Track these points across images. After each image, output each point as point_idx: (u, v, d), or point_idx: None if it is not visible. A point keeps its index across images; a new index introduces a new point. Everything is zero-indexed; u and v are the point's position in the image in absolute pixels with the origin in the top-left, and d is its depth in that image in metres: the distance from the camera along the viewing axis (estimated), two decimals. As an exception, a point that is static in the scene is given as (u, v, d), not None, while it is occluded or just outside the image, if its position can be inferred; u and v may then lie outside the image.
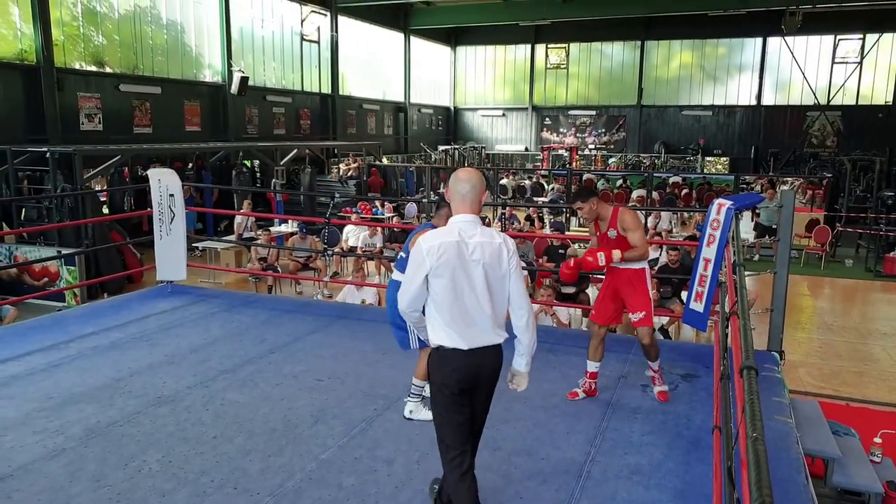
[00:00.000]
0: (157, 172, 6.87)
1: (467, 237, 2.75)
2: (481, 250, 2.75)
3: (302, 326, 5.79)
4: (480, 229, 2.79)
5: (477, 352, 2.74)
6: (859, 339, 8.63)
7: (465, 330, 2.73)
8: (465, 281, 2.73)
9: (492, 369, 2.80)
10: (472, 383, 2.77)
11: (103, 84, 14.81)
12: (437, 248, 2.73)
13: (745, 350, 2.07)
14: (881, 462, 4.42)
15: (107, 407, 4.03)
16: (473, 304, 2.74)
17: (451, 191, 2.85)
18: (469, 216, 2.81)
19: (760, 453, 1.42)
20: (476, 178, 2.84)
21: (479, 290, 2.74)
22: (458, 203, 2.83)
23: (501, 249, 2.78)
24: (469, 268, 2.73)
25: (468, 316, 2.74)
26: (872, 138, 25.48)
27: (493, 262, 2.76)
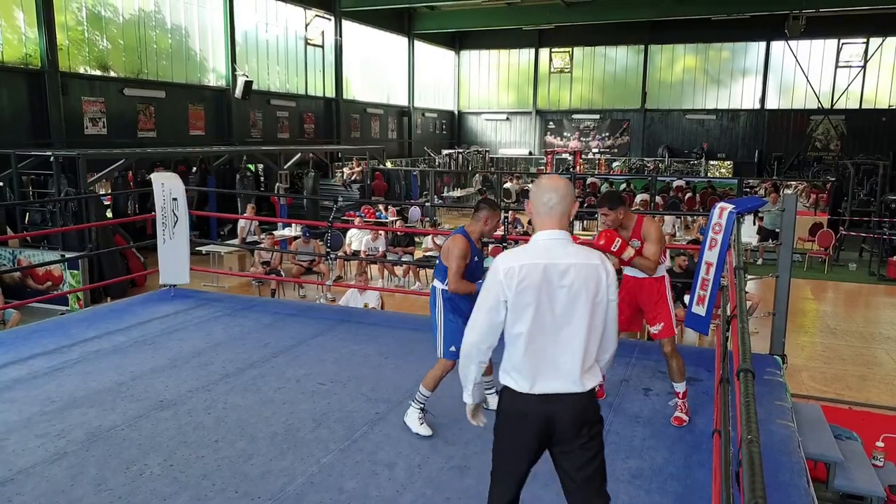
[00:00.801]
0: (160, 176, 6.90)
1: (557, 258, 2.31)
2: (575, 274, 2.29)
3: (304, 330, 5.80)
4: (576, 249, 2.35)
5: (550, 399, 2.30)
6: (862, 343, 8.61)
7: (541, 371, 2.31)
8: (549, 312, 2.29)
9: (574, 421, 2.31)
10: (544, 437, 2.33)
11: (107, 88, 14.89)
12: (517, 270, 2.29)
13: (742, 353, 2.07)
14: (883, 466, 4.41)
15: (109, 411, 4.04)
16: (557, 341, 2.31)
17: (534, 202, 2.40)
18: (558, 233, 2.36)
19: (755, 456, 1.42)
20: (564, 188, 2.40)
21: (568, 324, 2.30)
22: (545, 217, 2.37)
23: (600, 273, 2.32)
24: (557, 296, 2.29)
25: (548, 355, 2.31)
26: (876, 142, 25.45)
27: (590, 290, 2.30)
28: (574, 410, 2.31)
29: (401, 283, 11.52)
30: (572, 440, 2.33)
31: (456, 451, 3.63)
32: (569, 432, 2.32)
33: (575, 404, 2.31)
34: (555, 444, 2.36)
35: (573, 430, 2.32)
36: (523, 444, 2.36)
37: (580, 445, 2.33)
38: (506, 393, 2.38)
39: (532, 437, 2.34)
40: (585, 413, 2.34)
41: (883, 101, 27.04)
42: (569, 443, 2.34)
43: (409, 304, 9.75)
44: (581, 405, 2.32)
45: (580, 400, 2.32)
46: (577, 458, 2.35)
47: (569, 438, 2.33)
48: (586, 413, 2.34)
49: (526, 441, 2.36)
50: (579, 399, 2.32)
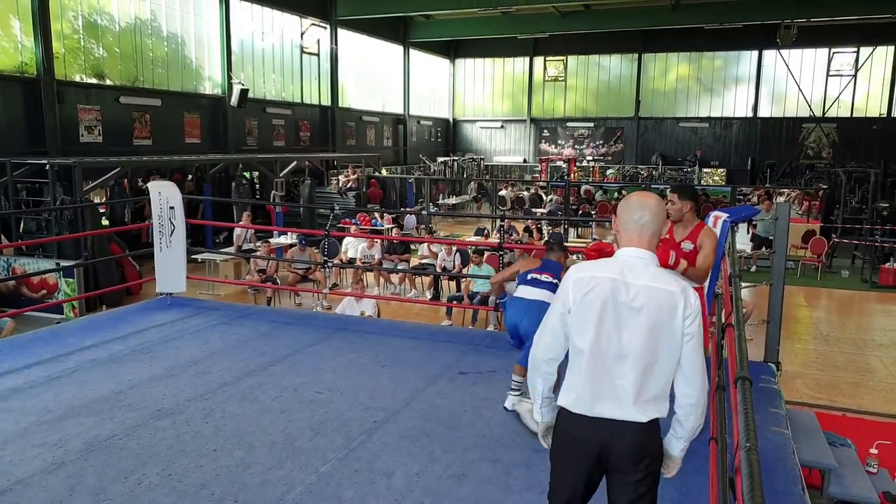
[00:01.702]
0: (157, 185, 6.92)
1: (631, 277, 2.20)
2: (647, 297, 2.17)
3: (301, 339, 5.81)
4: (654, 270, 2.23)
5: (606, 424, 2.19)
6: (856, 350, 8.66)
7: (599, 393, 2.20)
8: (613, 332, 2.18)
9: (630, 452, 2.20)
10: (596, 462, 2.24)
11: (103, 96, 14.89)
12: (586, 281, 2.22)
13: (739, 361, 2.10)
14: (877, 473, 4.45)
15: (106, 420, 4.04)
16: (617, 364, 2.19)
17: (623, 219, 2.28)
18: (642, 252, 2.24)
19: (754, 463, 1.45)
20: (657, 206, 2.27)
21: (630, 348, 2.17)
22: (633, 234, 2.26)
23: (676, 301, 2.16)
24: (624, 316, 2.17)
25: (606, 377, 2.19)
26: (867, 150, 25.65)
27: (663, 318, 2.16)
28: (629, 440, 2.20)
29: (397, 291, 11.53)
30: (627, 472, 2.23)
31: (454, 458, 3.65)
32: (623, 462, 2.22)
33: (631, 434, 2.19)
34: (610, 471, 2.27)
35: (628, 460, 2.21)
36: (574, 468, 2.27)
37: (635, 480, 2.23)
38: (561, 412, 2.30)
39: (583, 461, 2.25)
40: (644, 445, 2.22)
41: (873, 109, 27.25)
42: (622, 473, 2.24)
43: (405, 312, 9.77)
44: (637, 436, 2.20)
45: (637, 430, 2.19)
46: (629, 491, 2.25)
47: (623, 469, 2.23)
48: (645, 444, 2.22)
49: (576, 464, 2.26)
50: (636, 429, 2.19)
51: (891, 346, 8.87)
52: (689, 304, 2.17)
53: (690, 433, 2.31)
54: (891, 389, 7.22)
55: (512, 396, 4.18)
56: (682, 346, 2.19)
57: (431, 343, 5.76)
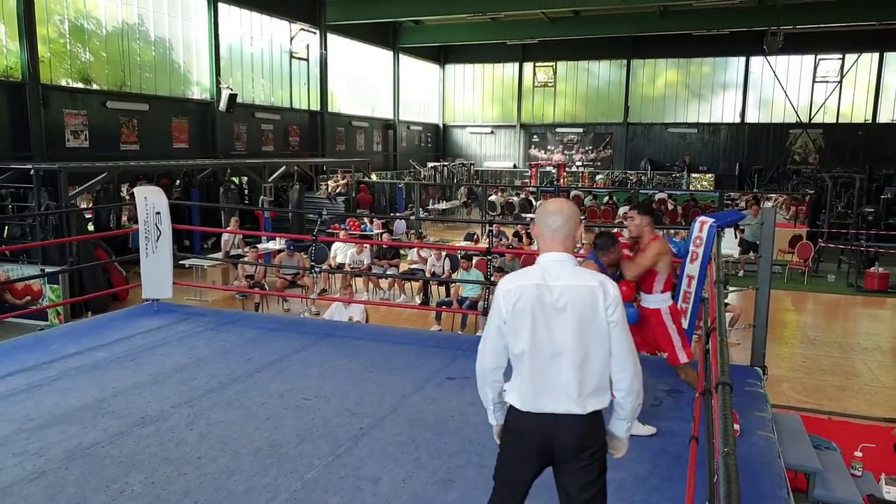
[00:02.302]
0: (143, 190, 6.87)
1: (552, 279, 2.33)
2: (570, 295, 2.31)
3: (288, 345, 5.78)
4: (571, 270, 2.37)
5: (547, 418, 2.33)
6: (841, 354, 8.72)
7: (538, 391, 2.34)
8: (545, 333, 2.32)
9: (574, 443, 2.32)
10: (541, 454, 2.37)
11: (90, 101, 14.81)
12: (514, 291, 2.35)
13: (721, 367, 2.11)
14: (862, 476, 4.47)
15: (89, 428, 4.00)
16: (551, 363, 2.32)
17: (540, 225, 2.42)
18: (560, 255, 2.38)
19: (731, 468, 1.45)
20: (569, 210, 2.42)
21: (563, 346, 2.31)
22: (549, 239, 2.40)
23: (596, 294, 2.31)
24: (552, 318, 2.31)
25: (544, 376, 2.33)
26: (852, 155, 25.89)
27: (587, 312, 2.30)
28: (573, 432, 2.32)
29: (386, 296, 11.51)
30: (573, 461, 2.35)
31: (440, 465, 3.64)
32: (569, 453, 2.34)
33: (575, 426, 2.32)
34: (557, 462, 2.38)
35: (573, 451, 2.33)
36: (522, 461, 2.40)
37: (580, 468, 2.34)
38: (510, 410, 2.44)
39: (531, 454, 2.38)
40: (587, 435, 2.34)
41: (859, 115, 27.53)
42: (569, 463, 2.35)
43: (394, 318, 9.75)
44: (580, 428, 2.33)
45: (581, 422, 2.32)
46: (577, 479, 2.35)
47: (569, 459, 2.35)
48: (588, 435, 2.34)
49: (524, 458, 2.40)
50: (580, 421, 2.32)
51: (875, 349, 8.93)
52: (609, 295, 2.32)
53: (631, 414, 2.45)
54: (875, 393, 7.27)
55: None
56: (609, 334, 2.32)
57: (419, 348, 5.74)
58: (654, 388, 4.83)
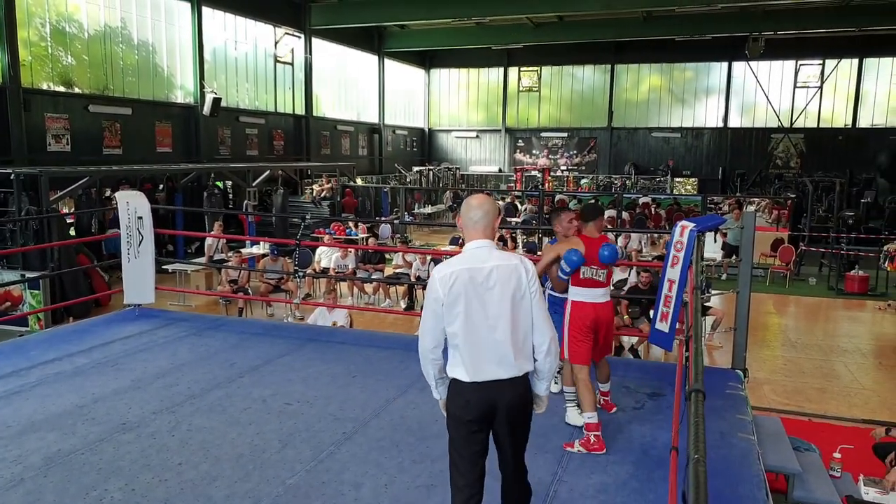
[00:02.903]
0: (124, 195, 6.82)
1: (480, 262, 2.66)
2: (497, 274, 2.64)
3: (272, 349, 5.76)
4: (496, 253, 2.71)
5: (490, 385, 2.62)
6: (822, 356, 8.81)
7: (479, 362, 2.63)
8: (480, 310, 2.62)
9: (510, 404, 2.64)
10: (486, 418, 2.65)
11: (72, 105, 14.68)
12: (448, 277, 2.64)
13: (695, 374, 2.13)
14: (840, 477, 4.52)
15: (68, 435, 3.96)
16: (489, 335, 2.63)
17: (464, 218, 2.75)
18: (483, 241, 2.71)
19: (700, 475, 1.47)
20: (488, 204, 2.76)
21: (496, 319, 2.63)
22: (471, 230, 2.74)
23: (519, 271, 2.66)
24: (484, 296, 2.63)
25: (483, 347, 2.63)
26: (833, 160, 26.20)
27: (511, 287, 2.64)
28: (514, 394, 2.65)
29: (371, 301, 11.50)
30: (513, 422, 2.68)
31: (423, 469, 3.64)
32: (511, 414, 2.66)
33: (515, 388, 2.65)
34: (496, 426, 2.68)
35: (515, 411, 2.67)
36: (472, 430, 2.65)
37: (518, 426, 2.71)
38: (452, 384, 2.71)
39: (479, 421, 2.65)
40: (523, 396, 2.68)
41: (839, 120, 27.89)
42: (509, 424, 2.67)
43: (378, 322, 9.74)
44: (520, 389, 2.67)
45: (519, 384, 2.66)
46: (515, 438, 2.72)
47: (509, 420, 2.66)
48: (523, 396, 2.69)
49: (473, 426, 2.65)
50: (518, 383, 2.66)
51: (855, 352, 9.04)
52: (528, 270, 2.69)
53: (549, 374, 2.78)
54: (855, 394, 7.35)
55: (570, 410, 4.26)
56: (531, 304, 2.67)
57: (403, 353, 5.73)
58: (636, 391, 4.87)
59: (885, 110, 27.31)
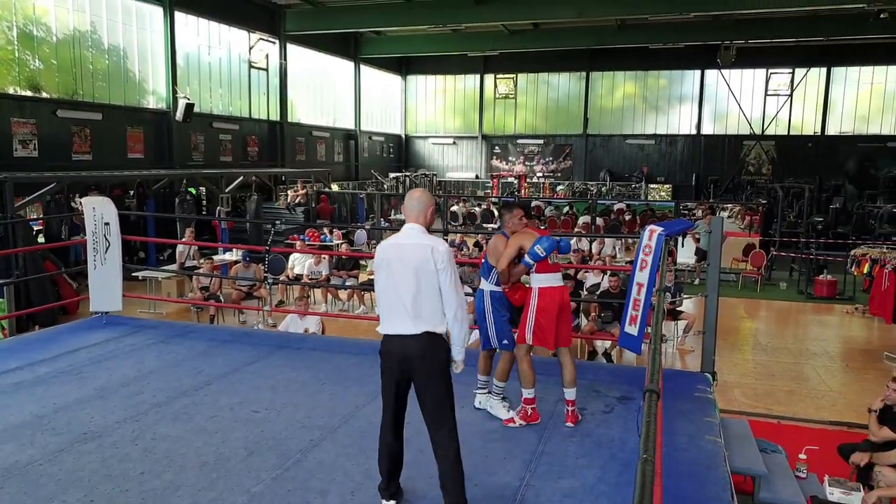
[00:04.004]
0: (91, 201, 6.71)
1: (404, 240, 3.27)
2: (412, 251, 3.21)
3: (241, 357, 5.68)
4: (418, 235, 3.27)
5: (401, 338, 3.20)
6: (791, 359, 8.92)
7: (390, 318, 3.25)
8: (397, 277, 3.22)
9: (418, 355, 3.17)
10: (402, 364, 3.19)
11: (39, 109, 14.43)
12: (381, 248, 3.33)
13: (651, 374, 2.14)
14: (806, 478, 4.57)
15: (26, 446, 3.86)
16: (399, 298, 3.20)
17: (404, 205, 3.38)
18: (414, 225, 3.31)
19: (647, 474, 1.47)
20: (423, 197, 3.35)
21: (405, 286, 3.19)
22: (408, 215, 3.34)
23: (427, 251, 3.18)
24: (400, 266, 3.21)
25: (395, 307, 3.22)
26: (803, 166, 26.67)
27: (421, 263, 3.18)
28: (414, 346, 3.17)
29: (345, 307, 11.42)
30: (418, 370, 3.18)
31: (390, 476, 3.60)
32: (416, 363, 3.17)
33: (414, 342, 3.17)
34: (413, 376, 3.20)
35: (417, 361, 3.17)
36: (389, 375, 3.25)
37: (427, 380, 3.19)
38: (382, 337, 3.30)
39: (392, 365, 3.22)
40: (424, 349, 3.16)
41: (808, 128, 28.40)
42: (418, 371, 3.18)
43: (351, 329, 9.66)
44: (418, 343, 3.17)
45: (417, 339, 3.17)
46: (427, 392, 3.20)
47: (417, 368, 3.18)
48: (425, 349, 3.17)
49: (390, 371, 3.24)
50: (416, 338, 3.17)
51: (823, 355, 9.17)
52: (437, 251, 3.19)
53: (461, 341, 3.30)
54: (822, 397, 7.45)
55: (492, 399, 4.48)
56: (438, 279, 3.18)
57: (374, 359, 5.57)
58: (606, 394, 4.88)
59: (852, 118, 27.88)
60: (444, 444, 3.20)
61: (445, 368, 3.25)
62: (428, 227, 3.36)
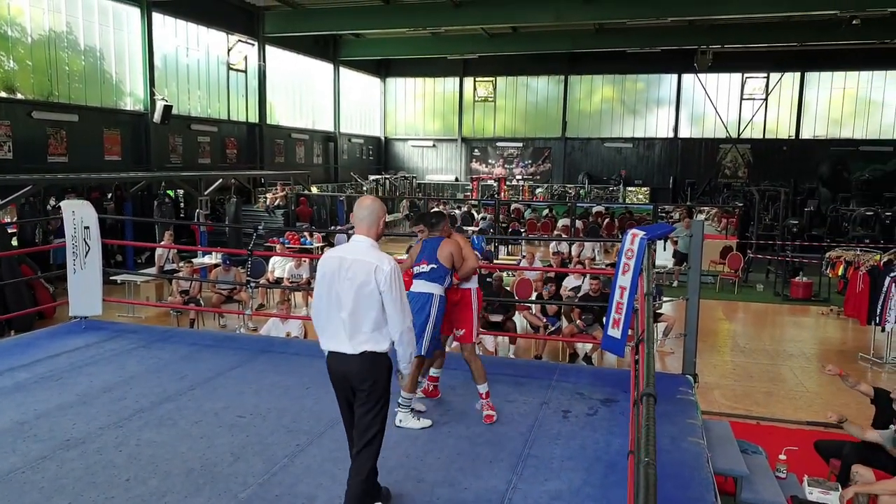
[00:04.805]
0: (70, 204, 6.63)
1: (350, 254, 3.11)
2: (356, 267, 3.06)
3: (224, 361, 5.65)
4: (365, 250, 3.11)
5: (338, 356, 3.12)
6: (769, 361, 9.06)
7: (328, 335, 3.15)
8: (337, 293, 3.09)
9: (355, 374, 3.07)
10: (342, 382, 3.14)
11: (13, 111, 14.20)
12: (325, 260, 3.17)
13: (646, 378, 2.17)
14: (786, 478, 4.65)
15: (8, 453, 3.81)
16: (338, 315, 3.09)
17: (353, 214, 3.18)
18: (361, 238, 3.15)
19: (650, 477, 1.50)
20: (374, 206, 3.18)
21: (345, 303, 3.06)
22: (357, 225, 3.18)
23: (371, 269, 3.04)
24: (342, 282, 3.07)
25: (333, 324, 3.12)
26: (778, 169, 27.08)
27: (363, 280, 3.04)
28: (352, 367, 3.08)
29: (326, 311, 11.36)
30: (359, 389, 3.09)
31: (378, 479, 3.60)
32: (354, 382, 3.09)
33: (351, 362, 3.08)
34: (352, 389, 3.12)
35: (356, 381, 3.08)
36: (334, 387, 3.20)
37: (364, 397, 3.09)
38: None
39: (336, 384, 3.17)
40: (362, 370, 3.07)
41: (783, 131, 28.85)
42: (357, 391, 3.10)
43: (333, 332, 9.61)
44: (355, 363, 3.07)
45: (354, 359, 3.08)
46: (361, 406, 3.11)
47: (356, 387, 3.09)
48: (362, 370, 3.07)
49: (334, 384, 3.19)
50: (353, 358, 3.08)
51: (800, 356, 9.32)
52: (381, 270, 3.04)
53: (407, 357, 3.22)
54: (800, 397, 7.58)
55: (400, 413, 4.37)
56: (380, 298, 3.05)
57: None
58: (589, 397, 4.93)
59: (825, 122, 28.37)
60: (362, 462, 3.09)
61: (385, 389, 3.14)
62: (378, 239, 3.18)
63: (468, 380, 4.94)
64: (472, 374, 4.60)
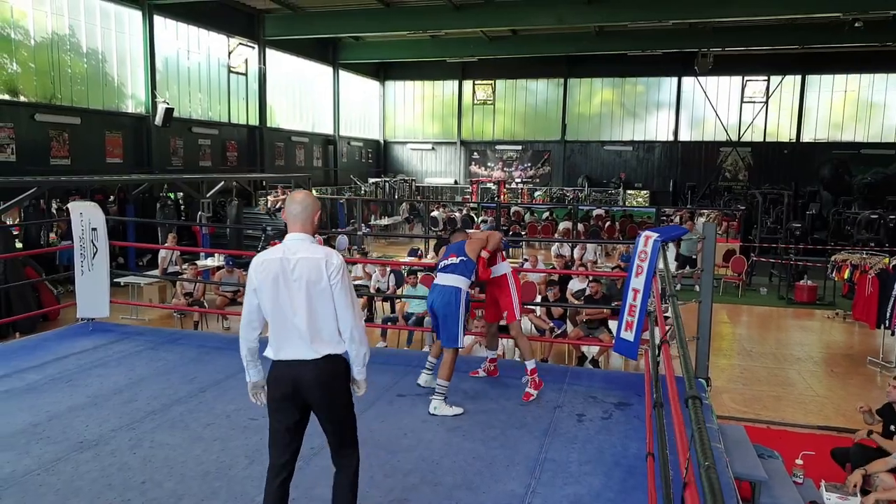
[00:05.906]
0: (78, 206, 6.60)
1: (291, 254, 2.87)
2: (303, 265, 2.85)
3: (232, 363, 5.59)
4: (307, 246, 2.90)
5: (293, 364, 2.86)
6: (776, 364, 9.05)
7: (282, 343, 2.89)
8: (285, 296, 2.86)
9: (313, 382, 2.85)
10: (292, 394, 2.87)
11: (17, 113, 14.17)
12: (260, 264, 2.90)
13: (687, 380, 2.15)
14: (803, 483, 4.62)
15: (22, 455, 3.78)
16: (291, 319, 2.86)
17: (286, 212, 2.97)
18: (299, 234, 2.93)
19: (714, 481, 1.48)
20: (305, 200, 2.98)
21: (298, 306, 2.85)
22: (291, 223, 2.96)
23: (320, 264, 2.86)
24: (290, 284, 2.85)
25: (286, 330, 2.87)
26: (779, 173, 27.11)
27: (314, 278, 2.85)
28: (313, 373, 2.85)
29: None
30: (317, 398, 2.88)
31: (394, 483, 3.59)
32: (312, 391, 2.86)
33: (311, 368, 2.85)
34: (308, 402, 2.90)
35: (316, 389, 2.86)
36: (279, 403, 2.90)
37: (327, 405, 2.91)
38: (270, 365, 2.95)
39: (283, 395, 2.88)
40: (324, 376, 2.87)
41: (784, 134, 28.88)
42: (317, 402, 2.89)
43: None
44: (317, 369, 2.86)
45: (315, 365, 2.86)
46: (327, 414, 2.93)
47: (315, 397, 2.87)
48: (323, 375, 2.87)
49: (279, 399, 2.89)
50: (314, 364, 2.85)
51: (807, 359, 9.31)
52: (331, 264, 2.87)
53: (360, 360, 3.01)
54: (809, 401, 7.56)
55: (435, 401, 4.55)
56: (332, 295, 2.86)
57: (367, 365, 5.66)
58: (603, 400, 4.91)
59: (826, 125, 28.40)
60: (346, 462, 3.03)
61: (348, 391, 3.01)
62: (314, 234, 3.01)
63: (483, 386, 4.95)
64: (519, 350, 5.05)
